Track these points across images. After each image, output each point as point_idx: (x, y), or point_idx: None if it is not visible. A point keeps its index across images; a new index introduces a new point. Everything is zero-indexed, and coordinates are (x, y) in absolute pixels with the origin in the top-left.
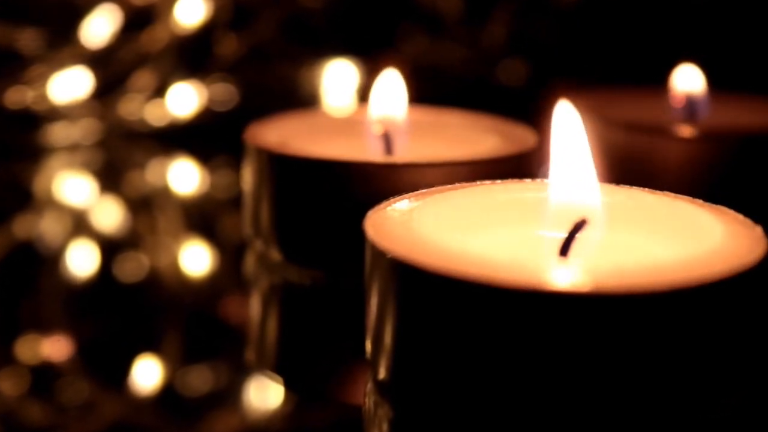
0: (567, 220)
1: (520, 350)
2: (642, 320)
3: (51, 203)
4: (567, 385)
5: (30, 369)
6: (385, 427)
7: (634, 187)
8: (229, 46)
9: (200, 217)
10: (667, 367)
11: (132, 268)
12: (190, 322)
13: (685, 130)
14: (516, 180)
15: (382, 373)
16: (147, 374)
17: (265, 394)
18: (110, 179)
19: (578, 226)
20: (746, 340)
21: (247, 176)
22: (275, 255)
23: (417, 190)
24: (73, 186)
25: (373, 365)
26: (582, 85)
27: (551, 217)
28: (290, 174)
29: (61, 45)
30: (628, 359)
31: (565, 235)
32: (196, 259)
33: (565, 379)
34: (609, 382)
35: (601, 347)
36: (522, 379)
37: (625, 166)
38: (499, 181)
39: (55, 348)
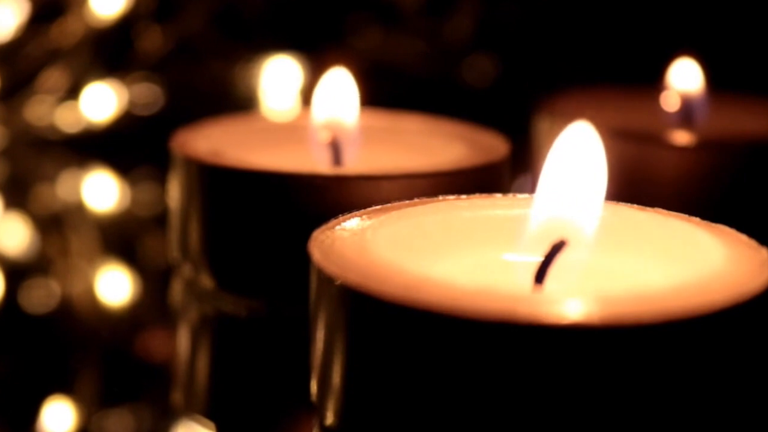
0: (543, 240)
1: (490, 390)
2: (630, 355)
3: None
4: (545, 428)
5: None
6: None
7: (621, 202)
8: (152, 40)
9: (119, 238)
10: (658, 407)
11: (41, 296)
12: (107, 358)
13: (681, 137)
14: (484, 195)
15: (329, 418)
16: (58, 418)
17: None
18: (16, 194)
19: (556, 248)
20: (748, 378)
21: (174, 191)
22: (206, 282)
23: (370, 206)
24: None
25: (320, 409)
26: (560, 85)
27: (525, 237)
28: (224, 188)
29: None
30: (616, 398)
31: (541, 258)
32: (114, 286)
33: (543, 423)
34: (593, 426)
35: (584, 386)
36: (493, 423)
37: (611, 179)
38: (464, 196)
39: None
